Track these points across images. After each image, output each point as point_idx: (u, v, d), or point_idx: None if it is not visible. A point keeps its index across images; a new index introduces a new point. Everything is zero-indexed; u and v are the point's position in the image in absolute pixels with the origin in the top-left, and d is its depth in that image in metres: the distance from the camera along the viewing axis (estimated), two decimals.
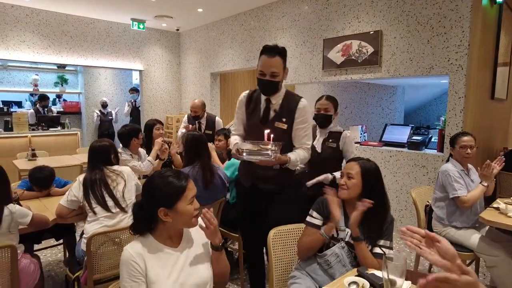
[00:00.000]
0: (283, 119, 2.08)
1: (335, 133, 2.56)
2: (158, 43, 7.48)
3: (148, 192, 1.32)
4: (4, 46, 5.81)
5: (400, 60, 3.87)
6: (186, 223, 1.32)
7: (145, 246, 1.29)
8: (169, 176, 1.30)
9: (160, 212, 1.26)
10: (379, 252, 1.60)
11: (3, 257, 1.77)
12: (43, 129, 6.15)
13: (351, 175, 1.69)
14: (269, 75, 1.96)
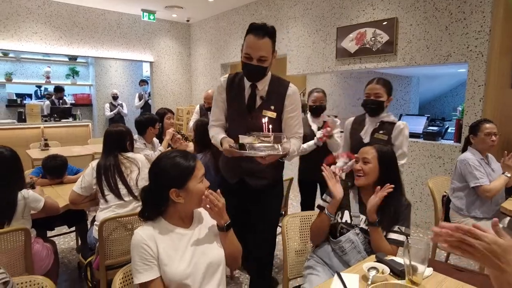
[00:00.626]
0: (272, 106, 1.87)
1: (387, 124, 2.21)
2: (169, 34, 7.45)
3: (156, 175, 1.29)
4: (17, 37, 5.86)
5: (416, 48, 3.75)
6: (198, 202, 1.29)
7: (156, 228, 1.26)
8: (176, 157, 1.28)
9: (172, 193, 1.24)
10: (393, 238, 1.56)
11: (17, 240, 1.78)
12: (55, 120, 6.20)
13: (368, 159, 1.64)
14: (256, 59, 1.71)
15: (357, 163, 1.68)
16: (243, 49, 1.74)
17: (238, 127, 1.83)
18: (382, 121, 2.22)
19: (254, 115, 1.84)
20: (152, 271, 1.20)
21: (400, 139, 2.16)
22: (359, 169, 1.64)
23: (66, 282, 2.73)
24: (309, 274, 1.65)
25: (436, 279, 1.30)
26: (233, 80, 1.92)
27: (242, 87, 1.89)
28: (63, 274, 2.83)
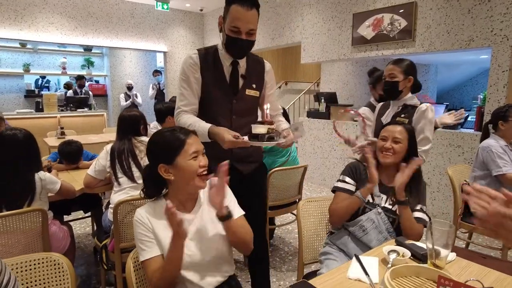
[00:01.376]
0: (253, 85, 1.75)
1: (410, 107, 2.04)
2: (182, 24, 7.44)
3: (148, 150, 1.26)
4: (34, 28, 5.94)
5: (436, 33, 3.62)
6: (190, 181, 1.19)
7: (155, 209, 1.23)
8: (167, 131, 1.23)
9: (160, 168, 1.19)
10: (419, 217, 1.53)
11: (34, 221, 1.80)
12: (71, 110, 6.31)
13: (399, 139, 1.59)
14: (245, 32, 1.55)
15: (384, 141, 1.62)
16: (228, 21, 1.55)
17: (221, 110, 1.69)
18: (405, 104, 2.06)
19: (238, 96, 1.70)
20: (154, 247, 1.18)
21: (422, 122, 1.97)
22: (389, 148, 1.59)
23: (82, 266, 2.77)
24: (326, 259, 1.62)
25: (460, 264, 1.25)
26: (206, 57, 1.68)
27: (220, 65, 1.68)
28: (79, 258, 2.88)
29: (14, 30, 5.80)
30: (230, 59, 1.68)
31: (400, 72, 2.01)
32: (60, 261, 1.21)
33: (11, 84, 7.28)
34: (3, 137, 1.84)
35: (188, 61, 1.65)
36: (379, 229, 1.53)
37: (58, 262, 1.20)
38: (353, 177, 1.67)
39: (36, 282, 1.18)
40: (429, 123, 1.97)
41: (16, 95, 7.34)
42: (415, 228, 1.48)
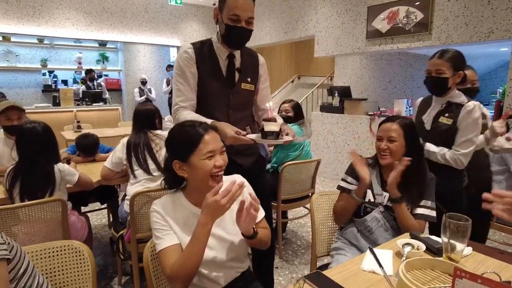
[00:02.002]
0: (248, 78, 1.72)
1: (455, 105, 1.81)
2: (195, 18, 7.46)
3: (167, 143, 1.21)
4: (51, 24, 6.06)
5: (453, 25, 3.54)
6: (203, 181, 1.14)
7: (173, 203, 1.20)
8: (186, 126, 1.17)
9: (175, 164, 1.15)
10: (420, 213, 1.51)
11: (54, 211, 1.86)
12: (87, 104, 6.43)
13: (393, 138, 1.55)
14: (245, 20, 1.52)
15: (380, 141, 1.59)
16: (226, 11, 1.51)
17: (217, 105, 1.66)
18: (450, 102, 1.83)
19: (234, 90, 1.68)
20: (171, 236, 1.15)
21: (467, 122, 1.75)
22: (385, 148, 1.56)
23: (99, 256, 2.85)
24: (336, 254, 1.63)
25: (476, 259, 1.24)
26: (201, 50, 1.64)
27: (216, 59, 1.65)
28: (96, 248, 2.96)
29: (32, 26, 5.93)
30: (226, 52, 1.65)
31: (449, 68, 1.77)
32: (81, 248, 1.25)
33: (29, 79, 7.46)
34: (22, 130, 1.90)
35: (183, 56, 1.62)
36: (385, 227, 1.52)
37: (79, 250, 1.24)
38: (354, 176, 1.65)
39: (57, 269, 1.22)
40: (474, 124, 1.76)
41: (34, 89, 7.51)
42: (411, 224, 1.45)
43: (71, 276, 1.23)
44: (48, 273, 1.21)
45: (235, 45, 1.64)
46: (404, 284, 0.99)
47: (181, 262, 1.09)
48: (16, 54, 7.18)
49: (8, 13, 5.75)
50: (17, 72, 7.27)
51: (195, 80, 1.65)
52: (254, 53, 1.79)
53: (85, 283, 1.23)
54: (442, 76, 1.77)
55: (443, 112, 1.85)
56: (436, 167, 1.81)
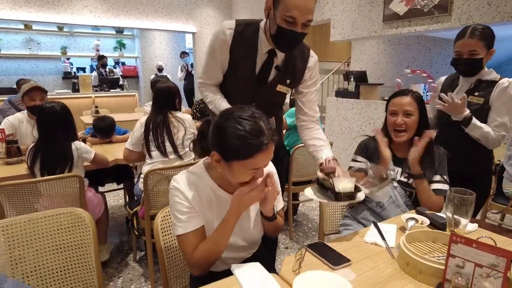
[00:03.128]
0: (287, 80, 1.51)
1: (486, 83, 1.71)
2: (210, 4, 7.44)
3: (214, 130, 1.03)
4: (70, 11, 6.18)
5: (475, 5, 3.41)
6: (234, 184, 1.07)
7: (197, 181, 1.10)
8: (247, 125, 0.97)
9: (213, 155, 1.03)
10: (438, 188, 1.49)
11: (72, 186, 1.95)
12: (105, 91, 6.58)
13: (410, 111, 1.50)
14: (302, 24, 1.28)
15: (395, 116, 1.53)
16: (281, 8, 1.26)
17: (242, 94, 1.49)
18: (480, 80, 1.73)
19: (264, 89, 1.49)
20: (195, 220, 1.08)
21: (503, 100, 1.64)
22: (402, 123, 1.51)
23: (115, 234, 2.97)
24: (344, 230, 1.64)
25: (481, 234, 1.23)
26: (241, 35, 1.43)
27: (254, 49, 1.44)
28: (112, 227, 3.08)
29: (52, 14, 6.06)
30: (268, 46, 1.43)
31: (483, 47, 1.64)
32: (82, 215, 1.24)
33: (50, 66, 7.67)
34: (42, 109, 1.99)
35: (220, 37, 1.43)
36: (397, 203, 1.52)
37: (81, 216, 1.24)
38: (364, 154, 1.64)
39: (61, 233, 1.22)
40: (511, 102, 1.66)
41: (55, 76, 7.72)
42: (433, 200, 1.45)
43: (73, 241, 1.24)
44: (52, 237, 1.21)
45: (284, 49, 1.44)
46: (404, 253, 1.01)
47: (207, 249, 1.06)
48: (37, 42, 7.38)
49: (30, 1, 5.90)
50: (38, 59, 7.48)
51: (225, 63, 1.48)
52: (306, 53, 1.52)
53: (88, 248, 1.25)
54: (477, 57, 1.65)
55: (472, 91, 1.75)
56: (467, 148, 1.78)
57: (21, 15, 5.87)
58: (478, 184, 1.64)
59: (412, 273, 0.98)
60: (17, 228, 1.15)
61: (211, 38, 1.48)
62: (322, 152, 1.47)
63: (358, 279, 0.97)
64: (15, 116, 2.56)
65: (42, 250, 1.18)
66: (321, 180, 1.26)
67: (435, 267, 0.91)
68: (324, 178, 1.25)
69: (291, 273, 0.99)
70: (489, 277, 0.77)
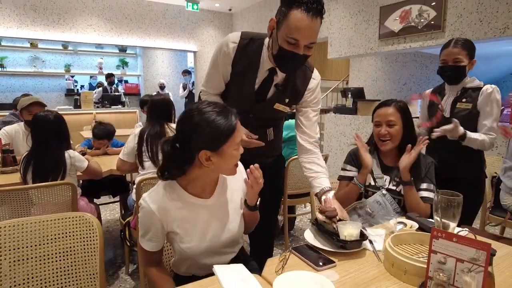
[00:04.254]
0: (286, 99, 1.48)
1: (471, 90, 1.84)
2: (212, 24, 7.63)
3: (186, 132, 1.05)
4: (74, 30, 6.36)
5: (467, 22, 3.48)
6: (227, 170, 1.12)
7: (169, 199, 1.09)
8: (214, 113, 1.03)
9: (202, 156, 1.03)
10: (424, 196, 1.49)
11: (65, 195, 1.94)
12: (106, 107, 6.66)
13: (393, 121, 1.54)
14: (304, 46, 1.24)
15: (379, 127, 1.57)
16: (284, 29, 1.22)
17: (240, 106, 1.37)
18: (465, 88, 1.86)
19: (263, 105, 1.48)
20: (156, 243, 1.11)
21: (490, 104, 1.76)
22: (386, 133, 1.54)
23: (109, 247, 2.93)
24: None
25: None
26: (245, 49, 1.41)
27: (256, 64, 1.42)
28: (106, 240, 3.05)
29: (58, 32, 6.24)
30: (269, 64, 1.41)
31: (466, 56, 1.79)
32: (91, 220, 1.26)
33: (53, 83, 7.81)
34: (36, 118, 2.01)
35: (223, 49, 1.42)
36: (386, 210, 1.50)
37: (89, 222, 1.26)
38: (353, 163, 1.66)
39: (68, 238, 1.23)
40: (497, 105, 1.79)
41: (58, 93, 7.85)
42: (421, 207, 1.45)
43: (80, 245, 1.24)
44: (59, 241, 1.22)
45: (285, 70, 1.41)
46: (389, 254, 0.99)
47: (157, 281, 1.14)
48: (42, 60, 7.54)
49: (36, 20, 6.08)
50: (42, 77, 7.63)
51: (227, 75, 1.48)
52: (308, 74, 1.49)
53: (93, 252, 1.25)
54: (461, 65, 1.79)
55: (459, 98, 1.87)
56: (459, 153, 1.84)
57: (27, 33, 6.04)
58: (471, 189, 1.68)
59: (397, 274, 0.96)
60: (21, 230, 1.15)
61: (216, 48, 1.47)
62: (319, 180, 1.42)
63: (342, 280, 0.95)
64: (11, 126, 2.59)
65: (46, 254, 1.17)
66: (321, 223, 1.20)
67: (419, 266, 0.90)
68: (325, 221, 1.17)
69: (274, 273, 0.97)
70: (470, 272, 0.75)
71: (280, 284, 0.87)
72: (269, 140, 1.60)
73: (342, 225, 1.12)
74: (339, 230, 1.11)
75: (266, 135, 1.58)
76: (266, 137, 1.58)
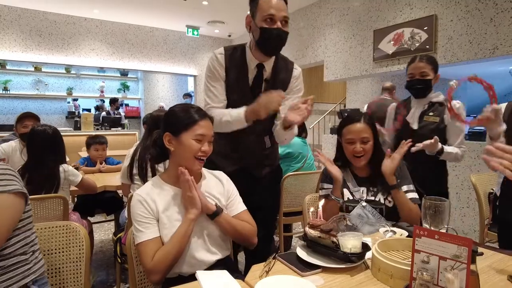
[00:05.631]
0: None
1: (438, 104, 1.94)
2: (212, 49, 7.83)
3: (165, 116, 1.29)
4: (77, 54, 6.53)
5: (457, 44, 3.57)
6: (187, 159, 1.22)
7: (155, 188, 1.23)
8: (187, 107, 1.26)
9: (166, 136, 1.23)
10: (411, 197, 1.47)
11: (56, 209, 1.93)
12: (106, 129, 6.71)
13: (366, 138, 1.51)
14: (280, 20, 1.43)
15: (353, 144, 1.52)
16: (259, 14, 1.44)
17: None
18: (431, 102, 1.96)
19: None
20: (153, 229, 1.17)
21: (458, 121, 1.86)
22: (361, 151, 1.50)
23: (102, 267, 2.87)
24: None
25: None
26: (232, 56, 1.57)
27: (245, 67, 1.58)
28: (99, 260, 2.99)
29: (61, 56, 6.41)
30: (255, 61, 1.57)
31: (432, 70, 1.91)
32: (77, 229, 1.29)
33: (55, 106, 7.91)
34: (33, 132, 2.04)
35: (214, 60, 1.58)
36: (370, 222, 1.47)
37: (76, 230, 1.28)
38: (329, 181, 1.60)
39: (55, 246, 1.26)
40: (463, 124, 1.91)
41: (59, 116, 7.94)
42: (414, 209, 1.42)
43: (67, 254, 1.26)
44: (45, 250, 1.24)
45: (271, 50, 1.54)
46: (376, 259, 0.98)
47: (165, 254, 1.13)
48: (45, 83, 7.69)
49: (41, 44, 6.27)
50: (45, 99, 7.75)
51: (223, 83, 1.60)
52: (290, 65, 1.67)
53: (79, 262, 1.26)
54: (427, 78, 1.90)
55: (426, 111, 1.97)
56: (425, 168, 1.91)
57: (32, 57, 6.20)
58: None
59: (383, 279, 0.94)
60: None
61: (207, 66, 1.62)
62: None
63: (327, 284, 0.93)
64: (8, 143, 2.61)
65: None
66: (314, 239, 1.11)
67: (405, 269, 0.88)
68: (320, 236, 1.08)
69: (257, 279, 0.95)
70: (453, 269, 0.74)
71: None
72: (267, 147, 1.69)
73: (342, 237, 1.04)
74: (341, 243, 1.04)
75: (264, 143, 1.68)
76: (264, 145, 1.68)
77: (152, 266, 1.11)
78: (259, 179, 1.70)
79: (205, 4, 5.72)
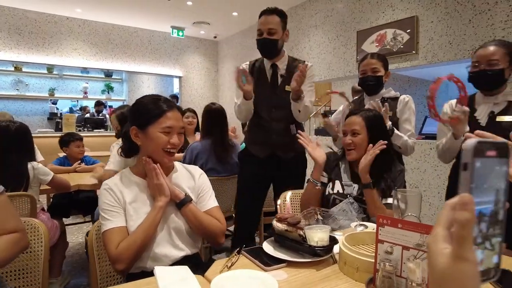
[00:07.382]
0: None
1: (389, 100, 1.98)
2: (197, 51, 7.77)
3: (131, 109, 1.26)
4: (59, 53, 6.39)
5: (438, 45, 3.61)
6: (155, 153, 1.19)
7: (123, 179, 1.22)
8: (153, 98, 1.21)
9: (132, 130, 1.20)
10: (389, 203, 1.43)
11: (23, 208, 1.85)
12: (88, 130, 6.57)
13: (356, 130, 1.52)
14: (266, 32, 1.92)
15: (345, 136, 1.55)
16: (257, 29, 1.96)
17: (262, 105, 2.04)
18: (383, 98, 2.00)
19: (278, 92, 2.01)
20: (120, 218, 1.15)
21: (408, 113, 1.92)
22: (350, 143, 1.52)
23: (76, 270, 2.78)
24: None
25: None
26: (253, 65, 2.11)
27: (263, 69, 2.07)
28: (75, 262, 2.89)
29: (42, 55, 6.25)
30: (269, 63, 2.04)
31: (382, 66, 1.95)
32: (37, 226, 1.24)
33: (37, 107, 7.71)
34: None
35: (240, 68, 1.97)
36: (352, 219, 1.44)
37: (35, 227, 1.24)
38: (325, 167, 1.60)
39: None
40: (413, 115, 1.95)
41: (41, 117, 7.74)
42: (380, 208, 1.39)
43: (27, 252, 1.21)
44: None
45: (264, 53, 2.03)
46: (342, 252, 0.94)
47: (130, 242, 1.10)
48: (26, 84, 7.49)
49: (20, 43, 6.10)
50: (25, 100, 7.55)
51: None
52: (300, 61, 2.06)
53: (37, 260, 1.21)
54: (378, 75, 1.94)
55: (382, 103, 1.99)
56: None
57: (10, 56, 6.03)
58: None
59: (349, 272, 0.91)
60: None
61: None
62: None
63: (290, 279, 0.89)
64: None
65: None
66: (282, 233, 1.09)
67: (369, 261, 0.85)
68: (287, 230, 1.06)
69: (218, 273, 0.90)
70: (415, 258, 0.71)
71: (219, 283, 0.80)
72: (292, 134, 1.96)
73: (309, 230, 1.03)
74: (307, 236, 1.02)
75: (289, 129, 2.01)
76: (290, 131, 2.01)
77: (117, 254, 1.08)
78: (286, 162, 2.03)
79: (189, 4, 5.67)
